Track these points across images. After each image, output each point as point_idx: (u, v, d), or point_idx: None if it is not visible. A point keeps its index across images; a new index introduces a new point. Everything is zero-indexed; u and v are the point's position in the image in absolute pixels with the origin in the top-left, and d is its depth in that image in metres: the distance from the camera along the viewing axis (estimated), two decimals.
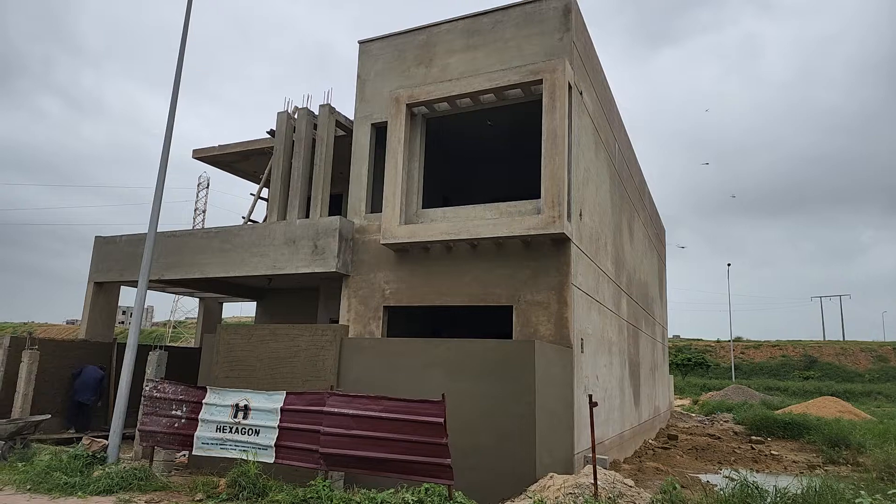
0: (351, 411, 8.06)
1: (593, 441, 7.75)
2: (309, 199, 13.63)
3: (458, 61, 11.78)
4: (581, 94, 11.64)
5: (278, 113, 14.33)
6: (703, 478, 12.18)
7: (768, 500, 7.39)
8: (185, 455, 10.00)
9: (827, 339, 75.55)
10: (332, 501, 7.40)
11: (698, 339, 76.53)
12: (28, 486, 8.47)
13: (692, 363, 55.06)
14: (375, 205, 12.17)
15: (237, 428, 8.82)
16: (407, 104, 11.45)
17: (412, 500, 7.15)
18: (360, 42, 13.03)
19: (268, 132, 15.07)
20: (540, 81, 10.40)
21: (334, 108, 13.86)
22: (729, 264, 69.00)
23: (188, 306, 69.30)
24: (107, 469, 8.94)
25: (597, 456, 8.06)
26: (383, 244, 11.19)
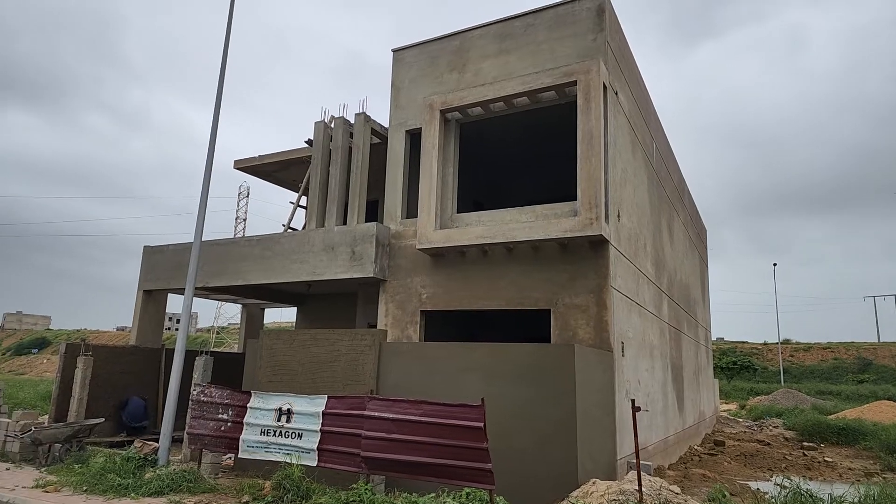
0: (391, 415, 8.13)
1: (637, 446, 7.63)
2: (346, 206, 13.84)
3: (491, 66, 11.81)
4: (616, 94, 11.52)
5: (315, 123, 14.60)
6: (753, 485, 11.84)
7: None
8: (231, 458, 10.24)
9: (882, 340, 72.49)
10: None
11: (744, 342, 74.43)
12: (84, 488, 8.81)
13: (738, 366, 53.54)
14: (411, 210, 12.28)
15: (281, 431, 8.99)
16: (441, 110, 11.54)
17: (453, 503, 7.17)
18: (394, 50, 13.20)
19: (305, 142, 15.37)
20: (574, 83, 10.34)
21: (369, 117, 14.05)
22: (775, 264, 66.78)
23: (230, 312, 70.88)
24: (157, 471, 9.24)
25: (641, 462, 7.93)
26: (419, 249, 11.28)
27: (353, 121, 14.23)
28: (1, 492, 8.50)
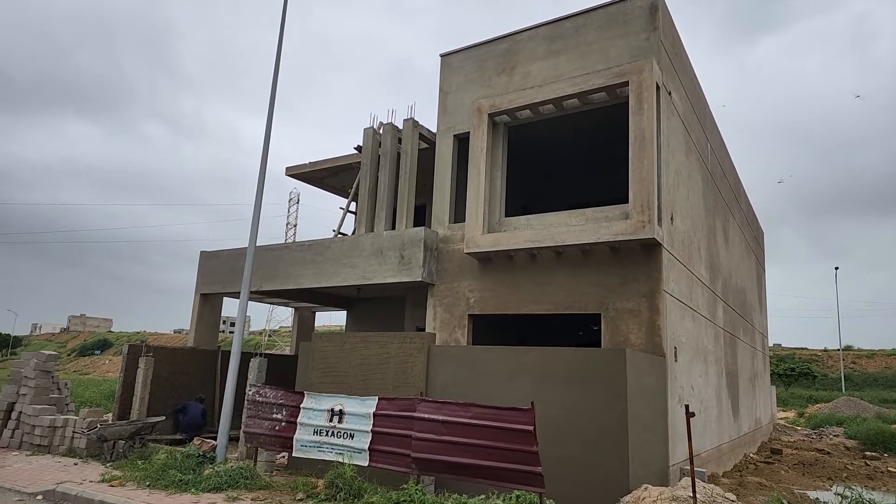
0: (441, 417, 8.20)
1: (691, 452, 7.47)
2: (395, 211, 14.01)
3: (540, 68, 11.76)
4: (670, 93, 11.32)
5: (364, 129, 14.85)
6: (812, 494, 11.40)
7: None
8: (284, 456, 10.49)
9: None
10: None
11: (802, 349, 71.68)
12: (147, 482, 9.17)
13: (796, 373, 51.57)
14: (459, 215, 12.34)
15: (333, 431, 9.17)
16: (489, 113, 11.57)
17: None
18: (442, 55, 13.29)
19: (355, 148, 15.64)
20: (626, 83, 10.21)
21: (417, 122, 14.20)
22: (837, 267, 64.06)
23: (282, 316, 72.53)
24: (216, 468, 9.54)
25: (694, 468, 7.76)
26: (467, 253, 11.32)
27: (401, 126, 14.41)
28: (70, 485, 8.93)
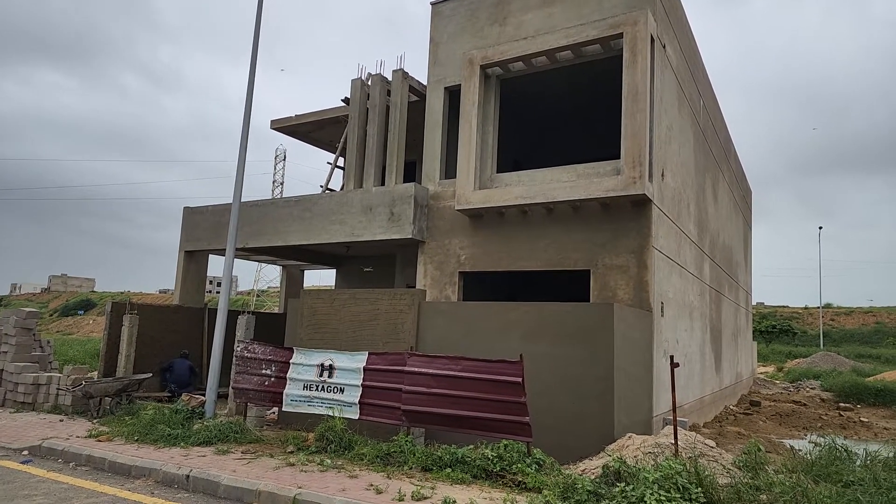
0: (431, 371, 8.26)
1: (674, 401, 7.60)
2: (384, 166, 13.80)
3: (534, 18, 11.46)
4: (664, 47, 11.12)
5: (352, 80, 14.47)
6: (788, 443, 11.78)
7: (857, 462, 7.05)
8: (274, 413, 10.56)
9: None
10: (414, 455, 7.65)
11: (784, 307, 73.11)
12: (136, 437, 9.14)
13: (777, 330, 52.70)
14: (449, 171, 12.19)
15: (323, 386, 9.21)
16: (481, 65, 11.31)
17: (492, 454, 7.29)
18: (433, 3, 12.89)
19: (342, 100, 15.26)
20: (620, 35, 10.01)
21: (407, 73, 13.84)
22: (820, 227, 65.12)
23: (270, 276, 72.27)
24: (205, 423, 9.58)
25: (677, 418, 7.92)
26: (458, 210, 11.22)
27: (390, 78, 14.05)
28: (56, 441, 8.90)
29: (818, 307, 62.49)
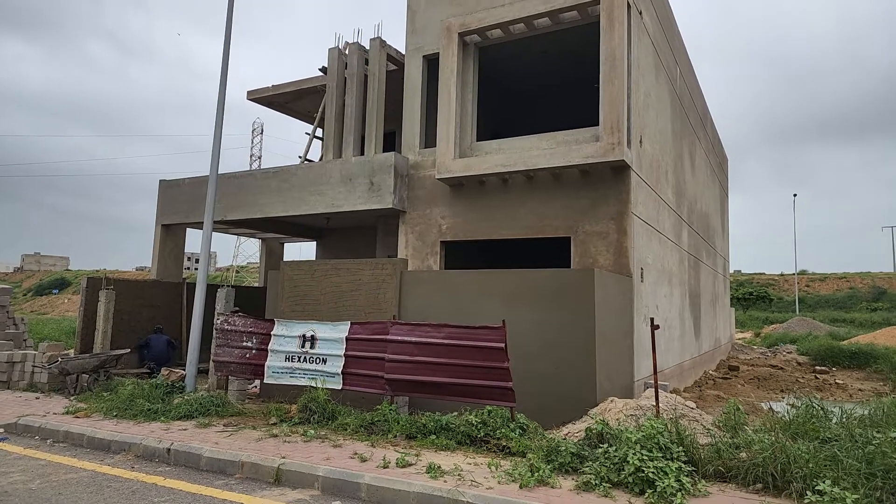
0: (414, 339, 8.26)
1: (655, 363, 7.72)
2: (363, 137, 13.61)
3: None
4: (640, 13, 11.03)
5: (329, 49, 14.18)
6: (766, 405, 12.06)
7: (834, 420, 7.25)
8: (256, 386, 10.52)
9: None
10: (398, 423, 7.68)
11: (760, 273, 74.45)
12: (115, 413, 8.99)
13: (754, 297, 53.80)
14: (429, 140, 12.07)
15: (305, 357, 9.18)
16: (459, 33, 11.14)
17: (476, 420, 7.36)
18: None
19: (320, 69, 14.97)
20: (597, 1, 9.90)
21: (385, 42, 13.59)
22: (795, 195, 66.00)
23: (249, 251, 71.75)
24: (186, 397, 9.50)
25: (658, 381, 8.05)
26: (438, 179, 11.14)
27: (368, 47, 13.79)
28: (33, 418, 8.76)
29: (793, 274, 63.69)
